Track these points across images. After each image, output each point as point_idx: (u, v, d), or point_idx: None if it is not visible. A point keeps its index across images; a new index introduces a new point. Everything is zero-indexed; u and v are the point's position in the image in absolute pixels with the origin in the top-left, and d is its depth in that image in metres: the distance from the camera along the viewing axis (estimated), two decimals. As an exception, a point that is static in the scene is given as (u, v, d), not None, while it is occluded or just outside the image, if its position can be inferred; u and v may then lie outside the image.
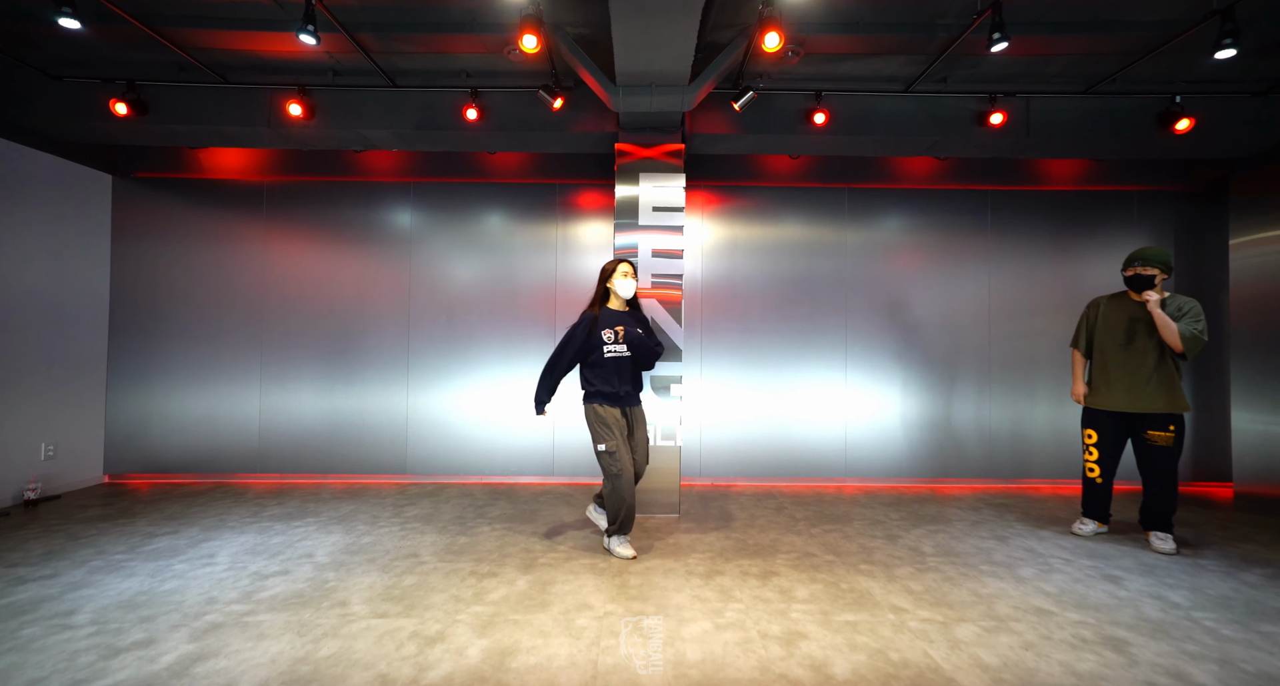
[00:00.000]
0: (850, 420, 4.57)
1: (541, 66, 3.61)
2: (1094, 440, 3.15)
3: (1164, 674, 1.84)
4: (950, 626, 2.16)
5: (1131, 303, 3.08)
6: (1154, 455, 3.01)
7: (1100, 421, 3.14)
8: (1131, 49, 3.30)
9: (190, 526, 3.31)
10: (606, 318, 2.91)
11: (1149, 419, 3.01)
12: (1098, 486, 3.18)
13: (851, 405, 4.58)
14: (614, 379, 2.87)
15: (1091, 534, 3.23)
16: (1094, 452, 3.15)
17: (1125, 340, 3.04)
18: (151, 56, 3.54)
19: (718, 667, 1.86)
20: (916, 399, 4.59)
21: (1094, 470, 3.16)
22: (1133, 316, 3.04)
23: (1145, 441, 3.02)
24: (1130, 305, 3.08)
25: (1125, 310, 3.08)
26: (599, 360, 2.87)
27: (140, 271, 4.53)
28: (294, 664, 1.83)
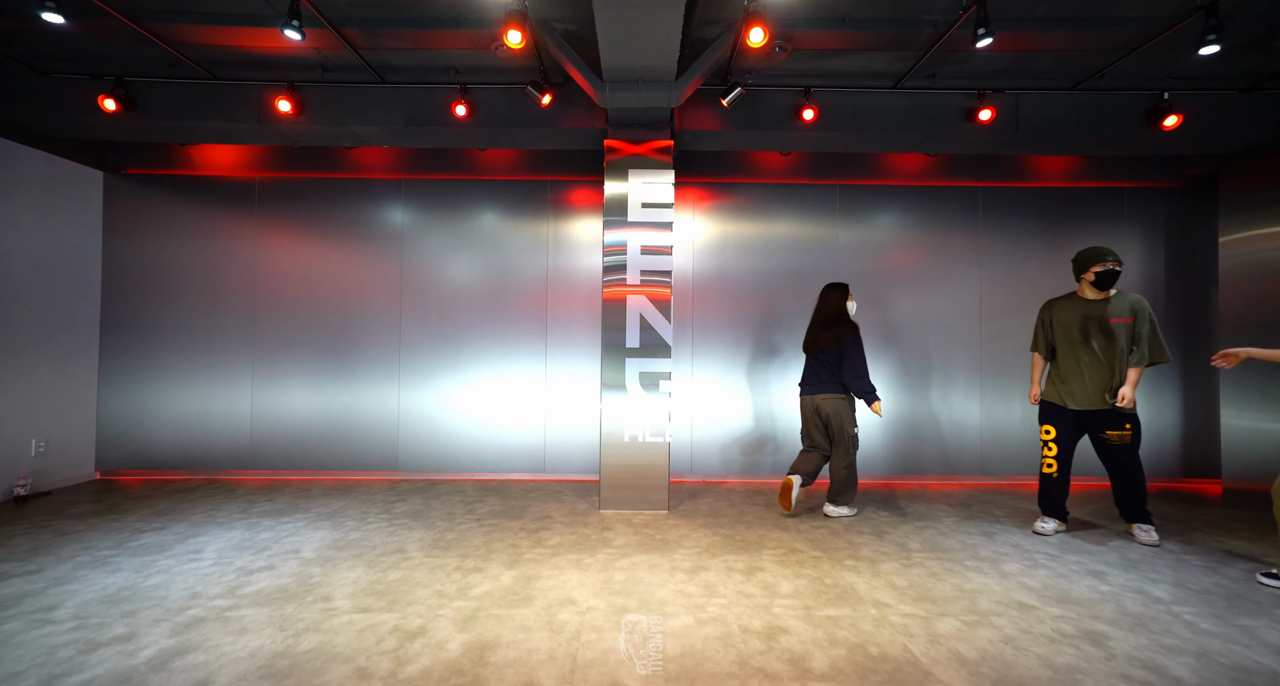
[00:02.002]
0: (841, 417, 4.57)
1: (530, 63, 3.61)
2: (1052, 436, 3.13)
3: (1140, 667, 1.85)
4: (932, 621, 2.17)
5: (1084, 302, 3.07)
6: (1117, 452, 3.03)
7: (1058, 417, 3.13)
8: (1118, 45, 3.30)
9: (179, 522, 3.31)
10: None
11: (1106, 418, 3.02)
12: (1055, 481, 3.15)
13: (842, 402, 4.57)
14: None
15: (1053, 532, 3.20)
16: (1053, 448, 3.13)
17: (1081, 339, 3.04)
18: (140, 52, 3.53)
19: (697, 661, 1.86)
20: (908, 395, 4.60)
21: (1052, 465, 3.14)
22: (1086, 315, 3.04)
23: (1104, 441, 3.03)
24: (1083, 305, 3.07)
25: (1079, 310, 3.07)
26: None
27: (132, 268, 4.53)
28: (273, 658, 1.83)
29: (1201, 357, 4.57)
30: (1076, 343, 3.04)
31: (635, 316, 3.69)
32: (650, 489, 3.66)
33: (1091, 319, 3.01)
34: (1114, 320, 2.97)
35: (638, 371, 3.68)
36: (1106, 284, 3.00)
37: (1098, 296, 3.04)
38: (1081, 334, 3.03)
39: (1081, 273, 3.07)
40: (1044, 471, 3.18)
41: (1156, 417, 4.59)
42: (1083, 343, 3.03)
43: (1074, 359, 3.07)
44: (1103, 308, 3.01)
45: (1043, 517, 3.26)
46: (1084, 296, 3.08)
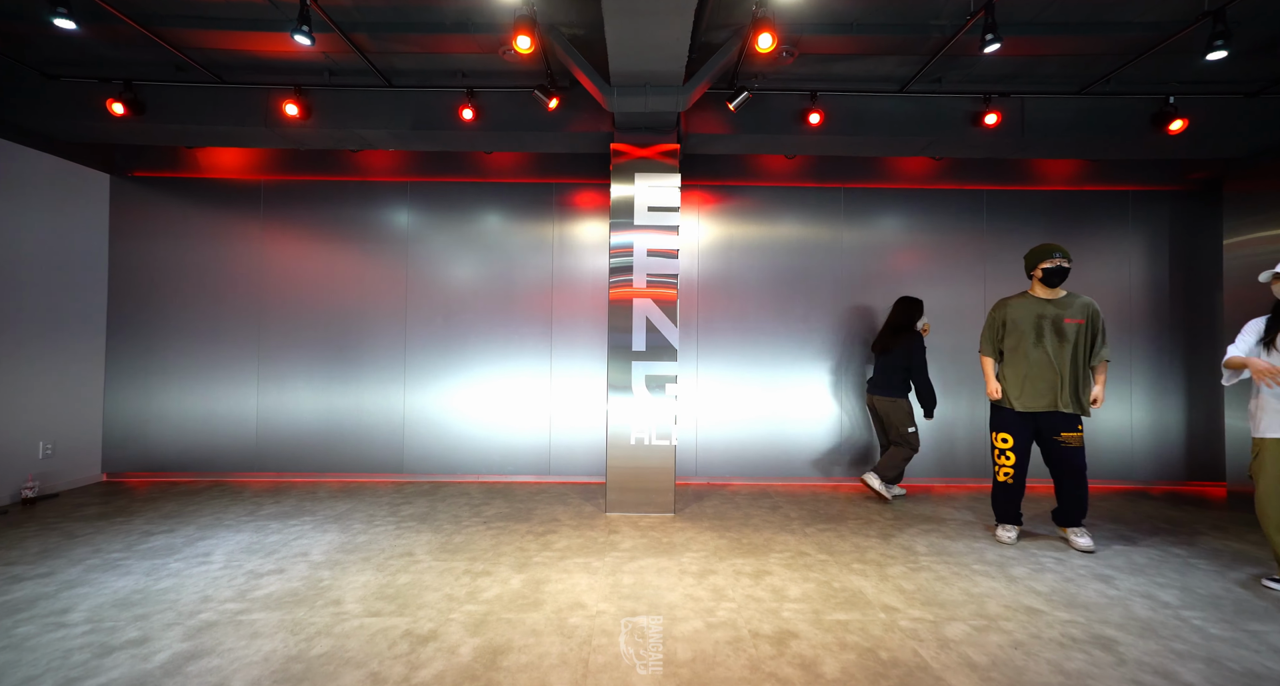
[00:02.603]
0: (844, 420, 4.58)
1: (537, 67, 3.62)
2: (1009, 444, 3.08)
3: (1151, 672, 1.86)
4: (941, 625, 2.18)
5: (1037, 301, 3.04)
6: (1069, 455, 2.99)
7: (1013, 424, 3.08)
8: (1125, 50, 3.30)
9: (187, 525, 3.32)
10: None
11: (1060, 420, 2.99)
12: (1011, 489, 3.11)
13: (847, 405, 4.59)
14: None
15: (1015, 540, 3.16)
16: (1010, 457, 3.08)
17: (1035, 339, 3.00)
18: (148, 56, 3.54)
19: (708, 666, 1.87)
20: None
21: (1010, 473, 3.09)
22: (1040, 314, 3.01)
23: (1058, 443, 3.00)
24: (1037, 304, 3.04)
25: (1032, 309, 3.04)
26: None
27: (138, 270, 4.54)
28: (286, 662, 1.84)
29: (1205, 361, 4.58)
30: (1030, 342, 3.00)
31: (641, 319, 3.70)
32: (656, 491, 3.67)
33: (1046, 318, 2.99)
34: (1068, 321, 2.95)
35: (644, 374, 3.69)
36: (1054, 281, 2.97)
37: (1049, 295, 3.02)
38: (1035, 333, 2.99)
39: (1031, 270, 3.05)
40: (1000, 480, 3.12)
41: (1160, 420, 4.60)
42: (1036, 342, 2.99)
43: (1024, 358, 3.02)
44: (1057, 307, 2.99)
45: (1002, 525, 3.21)
46: (1036, 295, 3.06)
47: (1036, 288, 3.06)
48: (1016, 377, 3.04)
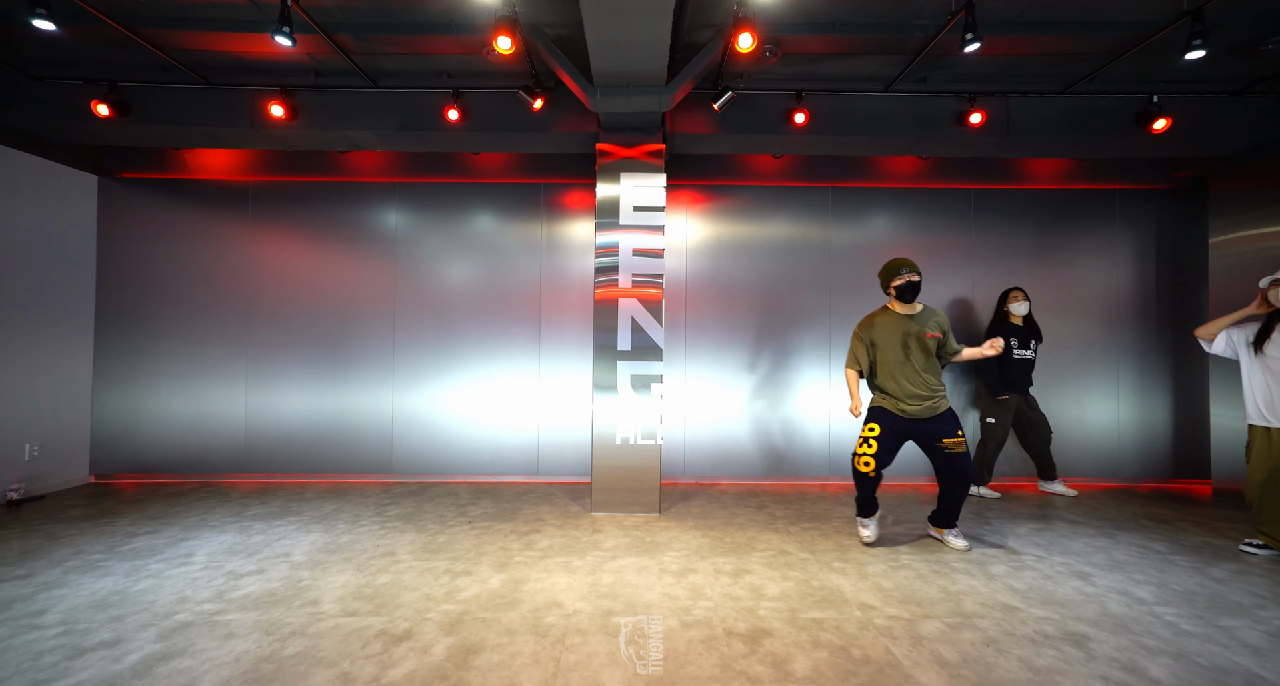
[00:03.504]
0: (834, 419, 4.59)
1: (522, 67, 3.62)
2: (876, 433, 2.96)
3: (1119, 668, 1.87)
4: (916, 623, 2.18)
5: (898, 317, 3.00)
6: (955, 460, 2.93)
7: (887, 418, 2.98)
8: (1107, 49, 3.31)
9: (171, 526, 3.32)
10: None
11: (940, 427, 2.94)
12: (870, 480, 2.99)
13: (835, 404, 4.59)
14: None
15: (874, 538, 3.07)
16: (873, 445, 2.95)
17: (903, 356, 2.96)
18: (133, 57, 3.54)
19: (679, 665, 1.88)
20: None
21: (870, 463, 2.94)
22: (905, 332, 2.97)
23: (941, 449, 2.94)
24: (899, 320, 2.99)
25: (898, 326, 2.99)
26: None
27: (126, 272, 4.54)
28: (258, 662, 1.84)
29: (1192, 359, 4.59)
30: (900, 359, 2.96)
31: (627, 319, 3.71)
32: (642, 491, 3.68)
33: (910, 334, 2.96)
34: (929, 335, 2.95)
35: (629, 373, 3.70)
36: (906, 296, 2.96)
37: (907, 310, 3.00)
38: (903, 350, 2.96)
39: (885, 288, 3.03)
40: (860, 469, 2.96)
41: (1147, 418, 4.61)
42: (905, 359, 2.95)
43: (897, 373, 2.96)
44: (916, 323, 2.97)
45: (862, 522, 3.11)
46: (895, 311, 3.02)
47: (894, 304, 3.03)
48: (894, 391, 2.99)
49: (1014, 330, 4.12)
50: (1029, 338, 4.13)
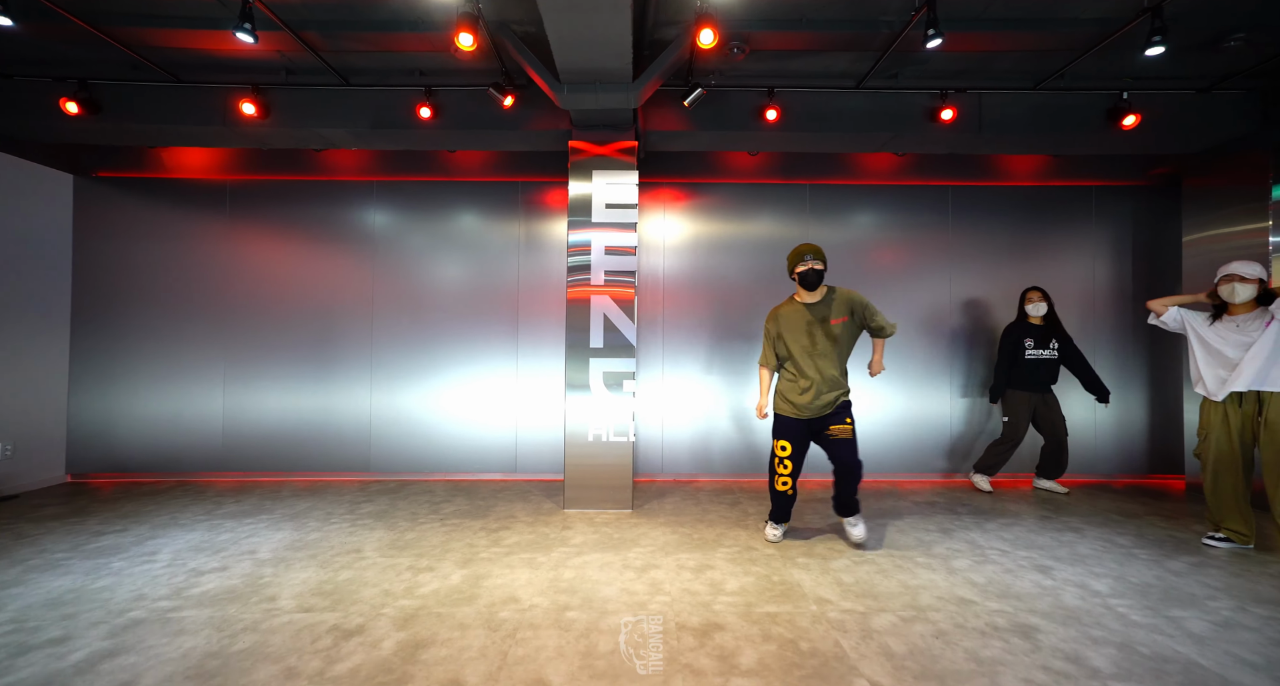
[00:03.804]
0: (811, 415, 4.60)
1: (492, 65, 3.62)
2: (788, 452, 2.95)
3: (1062, 658, 1.88)
4: (870, 617, 2.19)
5: (803, 306, 2.94)
6: (839, 447, 2.88)
7: (791, 430, 2.95)
8: (1074, 46, 3.32)
9: (140, 524, 3.32)
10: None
11: (831, 416, 2.91)
12: (790, 499, 3.03)
13: (812, 400, 4.60)
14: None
15: (780, 538, 3.10)
16: (788, 466, 2.95)
17: (810, 344, 2.90)
18: (103, 55, 3.53)
19: (626, 658, 1.88)
20: (879, 394, 4.62)
21: (787, 483, 2.97)
22: (810, 320, 2.91)
23: (829, 437, 2.90)
24: (804, 309, 2.94)
25: (802, 315, 2.93)
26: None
27: (103, 271, 4.53)
28: (204, 658, 1.85)
29: (1168, 356, 4.60)
30: (807, 348, 2.91)
31: (599, 316, 3.71)
32: (614, 488, 3.68)
33: (814, 322, 2.90)
34: (834, 321, 2.88)
35: (601, 371, 3.70)
36: (809, 283, 2.88)
37: (812, 298, 2.92)
38: (809, 338, 2.90)
39: (790, 275, 2.96)
40: (777, 489, 2.99)
41: (1123, 414, 4.63)
42: (812, 346, 2.90)
43: (807, 363, 2.90)
44: (822, 309, 2.90)
45: (773, 524, 3.13)
46: (800, 300, 2.96)
47: (799, 292, 2.97)
48: (796, 388, 2.93)
49: (1030, 330, 4.11)
50: (1048, 337, 4.09)
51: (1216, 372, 2.99)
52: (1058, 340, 4.10)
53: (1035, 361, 4.07)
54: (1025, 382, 4.10)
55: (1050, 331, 4.11)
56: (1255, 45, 3.23)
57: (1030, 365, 4.08)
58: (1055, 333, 4.11)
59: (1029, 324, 4.15)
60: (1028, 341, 4.09)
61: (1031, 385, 4.09)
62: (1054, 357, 4.09)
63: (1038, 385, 4.09)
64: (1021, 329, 4.13)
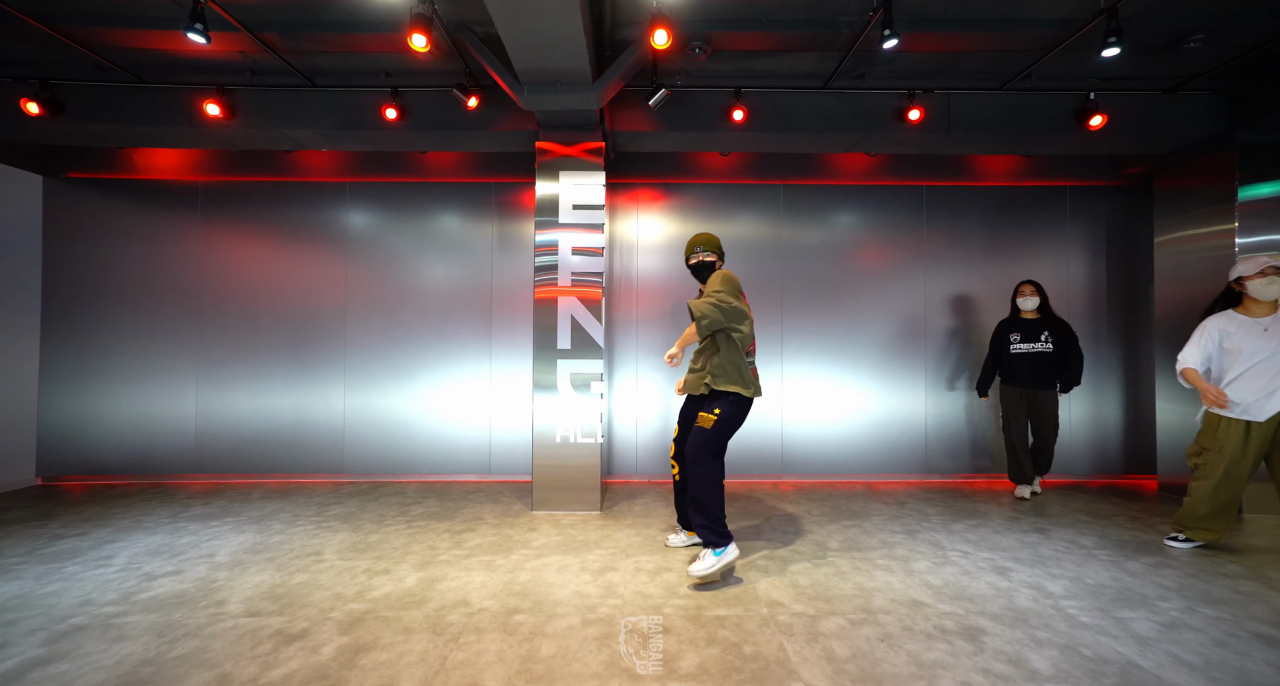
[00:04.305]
0: (786, 418, 4.60)
1: (457, 66, 3.61)
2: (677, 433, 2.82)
3: (1004, 660, 1.87)
4: (819, 620, 2.19)
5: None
6: (694, 435, 2.61)
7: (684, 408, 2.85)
8: (1035, 46, 3.32)
9: (103, 528, 3.30)
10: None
11: (699, 402, 2.72)
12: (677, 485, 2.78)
13: (788, 403, 4.60)
14: None
15: (686, 543, 2.87)
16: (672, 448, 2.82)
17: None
18: (65, 56, 3.51)
19: (565, 662, 1.87)
20: (853, 395, 4.62)
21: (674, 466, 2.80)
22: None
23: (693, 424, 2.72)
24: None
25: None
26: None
27: (74, 272, 4.50)
28: (138, 665, 1.83)
29: (1142, 355, 4.61)
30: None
31: (566, 317, 3.70)
32: (582, 490, 3.67)
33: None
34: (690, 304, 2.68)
35: (569, 372, 3.69)
36: (699, 275, 2.78)
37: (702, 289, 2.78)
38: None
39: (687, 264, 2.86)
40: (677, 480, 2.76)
41: (1099, 414, 4.64)
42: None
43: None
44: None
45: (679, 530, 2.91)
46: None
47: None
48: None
49: (1019, 325, 4.02)
50: (1037, 332, 3.96)
51: (1260, 385, 2.68)
52: (1052, 334, 3.96)
53: (1020, 356, 3.99)
54: (1012, 378, 4.04)
55: (1042, 325, 3.99)
56: (1214, 47, 3.23)
57: (1015, 360, 4.01)
58: (1049, 326, 3.98)
59: (1019, 319, 4.07)
60: (1013, 336, 4.02)
61: (1019, 380, 4.01)
62: (1046, 352, 3.94)
63: (1025, 380, 3.99)
64: (1009, 324, 4.07)
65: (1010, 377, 4.05)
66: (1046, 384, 3.98)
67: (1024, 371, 3.99)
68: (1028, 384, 3.99)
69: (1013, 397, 4.04)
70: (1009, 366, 4.04)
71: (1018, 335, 4.01)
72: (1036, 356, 3.96)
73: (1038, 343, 3.96)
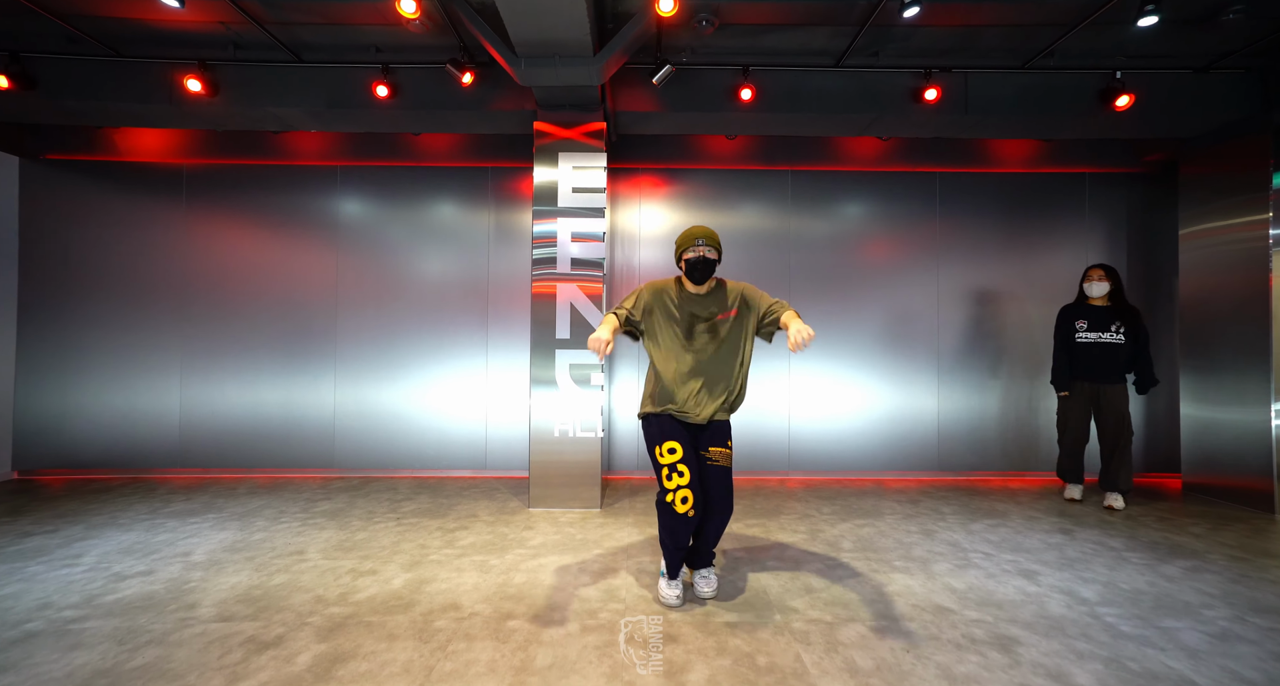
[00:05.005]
0: (794, 413, 4.43)
1: (451, 40, 3.42)
2: (679, 455, 2.17)
3: (1044, 675, 1.71)
4: (837, 627, 2.02)
5: (688, 296, 2.33)
6: (717, 475, 2.22)
7: (678, 433, 2.23)
8: (1062, 20, 3.14)
9: (75, 525, 3.13)
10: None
11: (712, 432, 2.28)
12: (691, 522, 2.15)
13: (795, 397, 4.43)
14: None
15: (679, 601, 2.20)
16: (685, 473, 2.15)
17: (687, 340, 2.29)
18: (36, 27, 3.33)
19: (563, 673, 1.71)
20: (862, 390, 4.45)
21: (688, 499, 2.12)
22: (693, 313, 2.30)
23: (705, 460, 2.25)
24: (688, 300, 2.32)
25: (686, 305, 2.31)
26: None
27: (52, 259, 4.32)
28: (92, 677, 1.66)
29: (1164, 350, 4.44)
30: (680, 343, 2.29)
31: (566, 307, 3.53)
32: (582, 486, 3.51)
33: (699, 318, 2.30)
34: (721, 317, 2.29)
35: (568, 364, 3.52)
36: (695, 276, 2.27)
37: (698, 290, 2.33)
38: (687, 333, 2.30)
39: (677, 260, 2.35)
40: (679, 510, 2.13)
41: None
42: (687, 343, 2.29)
43: (674, 361, 2.29)
44: (710, 304, 2.31)
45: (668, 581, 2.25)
46: (687, 289, 2.34)
47: (686, 281, 2.35)
48: (666, 381, 2.29)
49: (1086, 312, 3.65)
50: (1108, 321, 3.58)
51: None
52: (1124, 324, 3.58)
53: (1086, 346, 3.61)
54: (1079, 370, 3.65)
55: (1114, 314, 3.60)
56: (1256, 18, 3.05)
57: (1082, 349, 3.63)
58: (1121, 316, 3.59)
59: (1086, 305, 3.69)
60: (1080, 323, 3.65)
61: (1086, 373, 3.62)
62: (1117, 343, 3.55)
63: (1094, 374, 3.60)
64: (1076, 310, 3.70)
65: (1076, 369, 3.68)
66: (1115, 378, 3.59)
67: (1090, 363, 3.61)
68: (1093, 377, 3.61)
69: (1075, 391, 3.68)
70: (1076, 357, 3.68)
71: (1084, 323, 3.63)
72: (1106, 347, 3.57)
73: (1107, 332, 3.58)
